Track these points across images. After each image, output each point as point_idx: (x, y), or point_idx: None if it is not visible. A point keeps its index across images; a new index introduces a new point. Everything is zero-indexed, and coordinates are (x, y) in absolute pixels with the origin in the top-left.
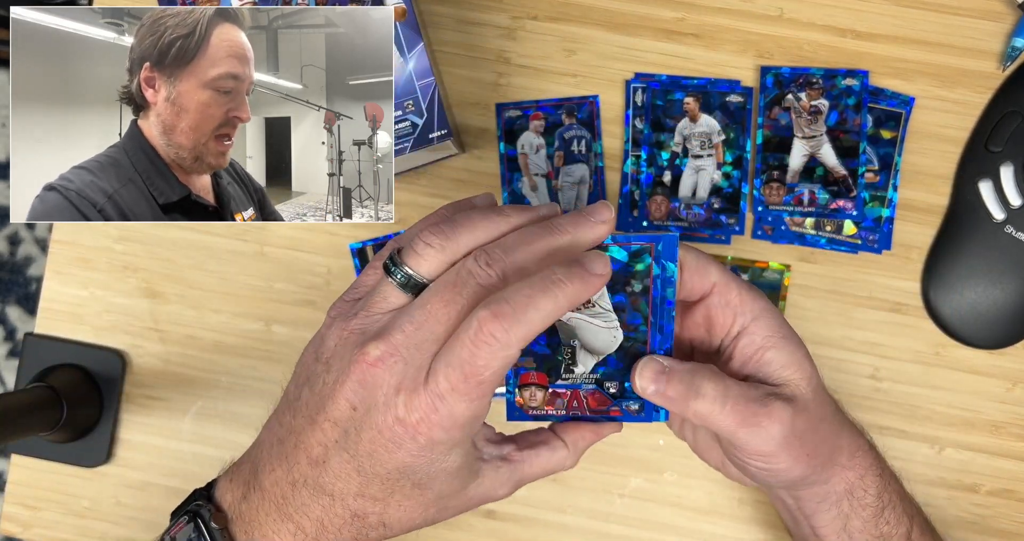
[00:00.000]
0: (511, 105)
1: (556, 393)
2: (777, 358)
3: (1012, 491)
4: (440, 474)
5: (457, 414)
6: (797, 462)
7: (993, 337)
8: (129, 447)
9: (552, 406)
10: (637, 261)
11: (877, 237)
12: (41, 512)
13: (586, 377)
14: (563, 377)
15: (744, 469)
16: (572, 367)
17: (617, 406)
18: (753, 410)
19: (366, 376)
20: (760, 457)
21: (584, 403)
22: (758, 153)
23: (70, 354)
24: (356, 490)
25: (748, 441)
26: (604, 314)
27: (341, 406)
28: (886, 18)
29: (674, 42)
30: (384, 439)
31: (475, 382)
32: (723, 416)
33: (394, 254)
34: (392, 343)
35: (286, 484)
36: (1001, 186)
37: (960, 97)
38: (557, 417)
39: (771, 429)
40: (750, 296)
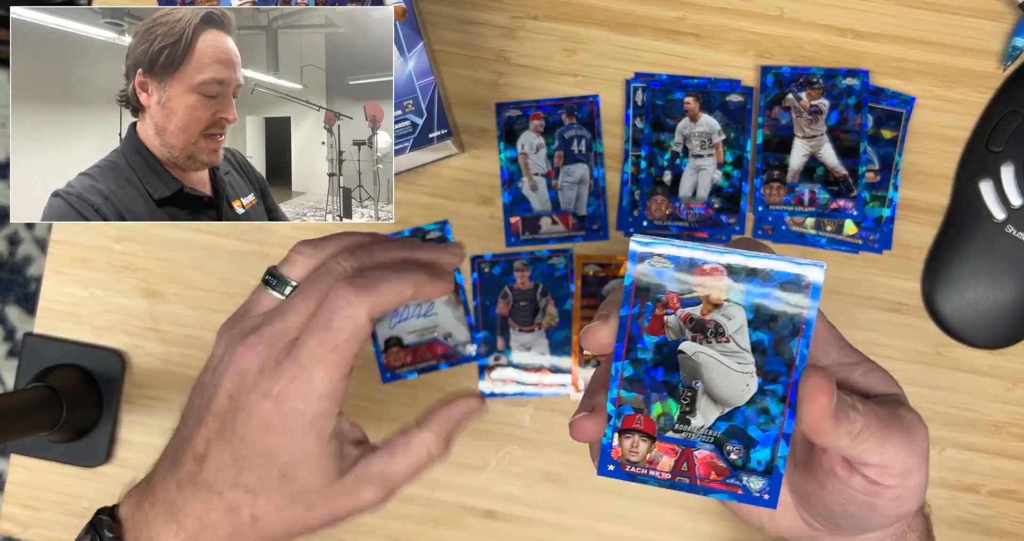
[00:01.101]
0: (511, 105)
1: (665, 448)
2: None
3: (1013, 491)
4: (302, 461)
5: (315, 381)
6: (922, 484)
7: (994, 337)
8: (129, 447)
9: (655, 465)
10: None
11: (877, 237)
12: (41, 512)
13: (704, 433)
14: (675, 428)
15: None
16: (689, 417)
17: (735, 480)
18: (892, 420)
19: (239, 364)
20: (900, 477)
21: (694, 467)
22: (758, 153)
23: (70, 354)
24: (232, 479)
25: (896, 458)
26: (739, 354)
27: (221, 399)
28: (887, 18)
29: (674, 42)
30: (254, 419)
31: (331, 346)
32: (869, 440)
33: (272, 267)
34: (260, 333)
35: (173, 486)
36: (1002, 186)
37: (960, 97)
38: (658, 481)
39: (919, 435)
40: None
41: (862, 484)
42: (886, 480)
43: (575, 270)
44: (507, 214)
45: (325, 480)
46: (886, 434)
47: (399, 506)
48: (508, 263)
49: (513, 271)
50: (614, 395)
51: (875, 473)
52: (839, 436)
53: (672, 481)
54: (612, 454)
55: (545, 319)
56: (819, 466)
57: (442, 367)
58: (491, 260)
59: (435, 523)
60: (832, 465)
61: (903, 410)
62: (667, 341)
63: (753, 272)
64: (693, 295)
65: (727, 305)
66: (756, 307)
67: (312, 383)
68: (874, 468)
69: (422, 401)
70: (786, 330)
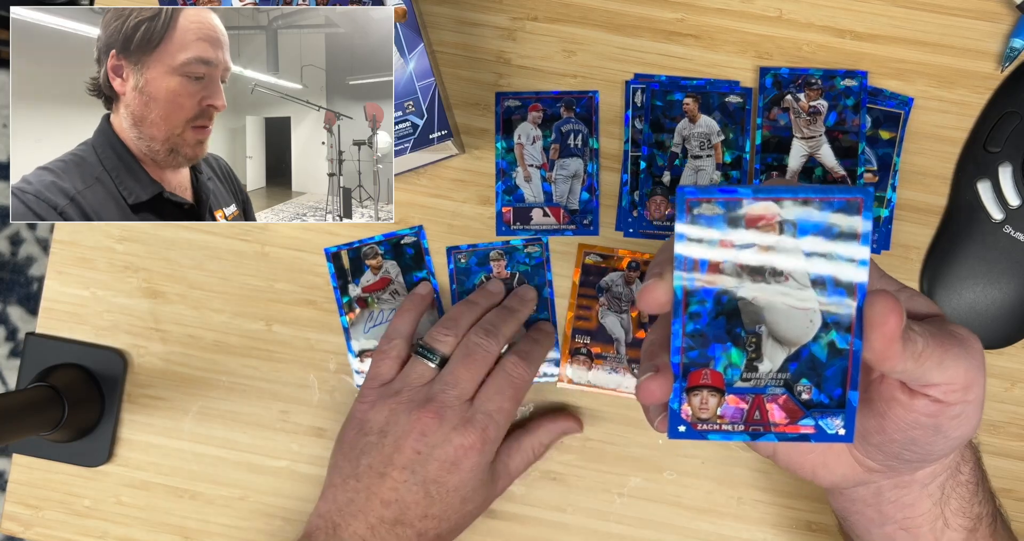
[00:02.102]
0: (511, 95)
1: (733, 400)
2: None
3: (1011, 490)
4: (479, 486)
5: (500, 431)
6: (982, 400)
7: (992, 337)
8: (130, 447)
9: (726, 419)
10: (843, 218)
11: (876, 237)
12: (42, 511)
13: (773, 377)
14: (743, 377)
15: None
16: (756, 363)
17: (811, 420)
18: (947, 337)
19: (426, 427)
20: (960, 391)
21: (768, 414)
22: (757, 153)
23: (71, 354)
24: (422, 512)
25: (960, 373)
26: (799, 290)
27: (407, 454)
28: (885, 19)
29: (673, 43)
30: (448, 464)
31: (512, 403)
32: (930, 348)
33: (422, 345)
34: (440, 401)
35: (365, 529)
36: (1000, 186)
37: (959, 97)
38: (732, 435)
39: (974, 347)
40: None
41: (926, 405)
42: (949, 397)
43: (576, 257)
44: (499, 203)
45: (487, 495)
46: (945, 350)
47: None
48: (484, 254)
49: (490, 261)
50: (677, 353)
51: (938, 391)
52: (906, 358)
53: (747, 432)
54: (682, 414)
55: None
56: (879, 397)
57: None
58: (467, 251)
59: None
60: (892, 392)
61: (953, 326)
62: (725, 289)
63: (805, 203)
64: (746, 237)
65: (781, 242)
66: (811, 240)
67: (499, 432)
68: (936, 387)
69: None
70: (843, 258)
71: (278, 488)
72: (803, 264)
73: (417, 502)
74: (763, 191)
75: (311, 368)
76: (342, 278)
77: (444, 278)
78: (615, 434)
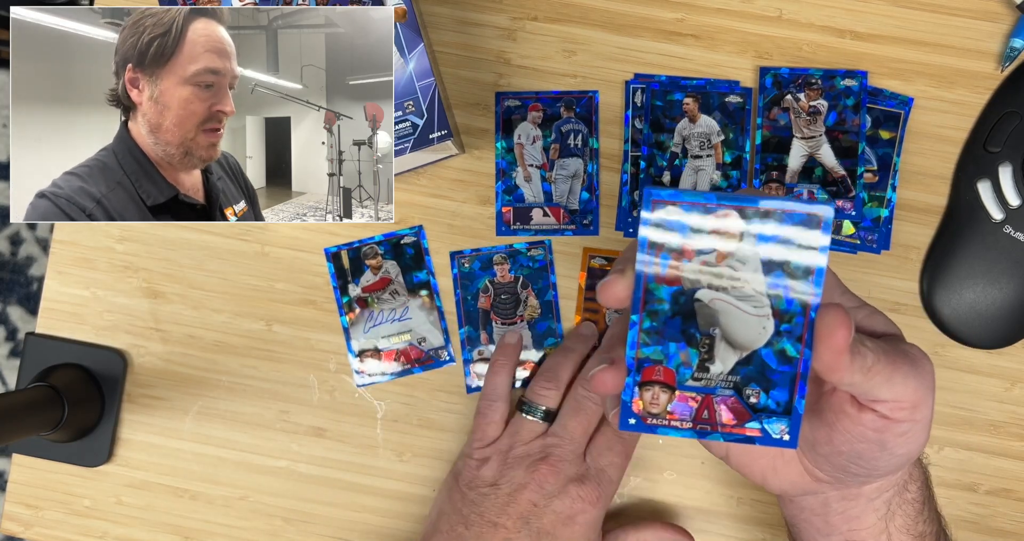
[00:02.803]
0: (511, 94)
1: (685, 397)
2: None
3: (1011, 490)
4: (591, 537)
5: (615, 485)
6: (929, 421)
7: (992, 337)
8: (130, 447)
9: (676, 416)
10: (801, 231)
11: (876, 237)
12: (42, 511)
13: (723, 379)
14: (694, 377)
15: (841, 451)
16: (708, 364)
17: (757, 424)
18: (899, 355)
19: (544, 481)
20: (908, 410)
21: (716, 415)
22: (757, 153)
23: (71, 354)
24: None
25: (907, 390)
26: (754, 297)
27: (523, 505)
28: (885, 19)
29: (673, 43)
30: (564, 517)
31: (622, 461)
32: (880, 372)
33: (527, 403)
34: (558, 455)
35: None
36: (1000, 186)
37: (959, 97)
38: (681, 431)
39: (925, 368)
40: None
41: (872, 420)
42: (896, 414)
43: (581, 261)
44: (499, 203)
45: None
46: (895, 368)
47: (399, 506)
48: (488, 258)
49: (493, 265)
50: (633, 348)
51: (885, 408)
52: (854, 371)
53: (694, 430)
54: (633, 407)
55: (527, 311)
56: (828, 408)
57: (416, 371)
58: (470, 255)
59: None
60: (842, 404)
61: (907, 346)
62: (683, 290)
63: (765, 214)
64: (707, 243)
65: (740, 249)
66: (769, 249)
67: (612, 488)
68: (884, 403)
69: (420, 399)
70: (799, 270)
71: (278, 488)
72: (761, 272)
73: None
74: (727, 199)
75: (311, 368)
76: (342, 278)
77: (444, 280)
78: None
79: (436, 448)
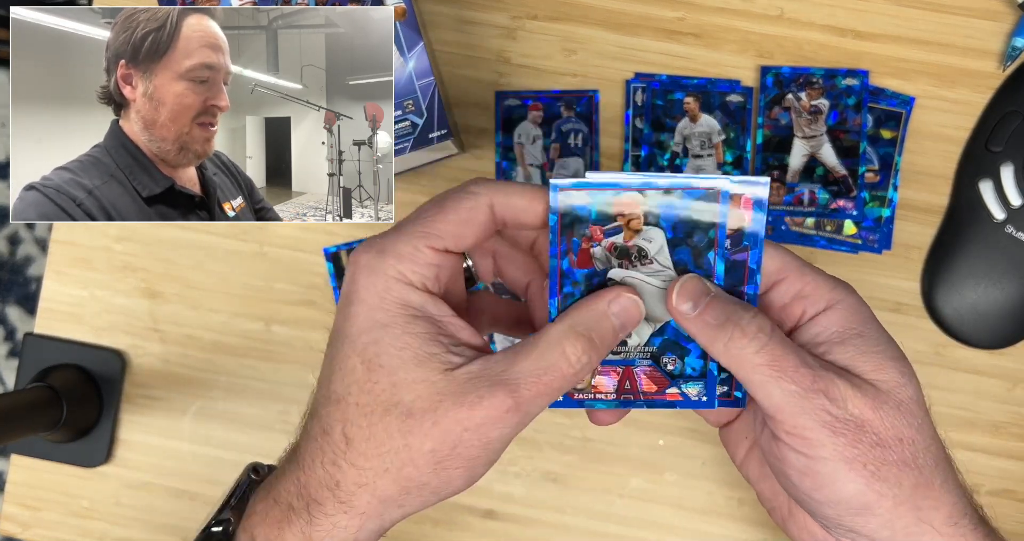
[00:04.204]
0: (511, 93)
1: (607, 370)
2: (850, 355)
3: (1013, 491)
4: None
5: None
6: (848, 468)
7: (994, 337)
8: (129, 447)
9: (600, 389)
10: (701, 205)
11: (877, 237)
12: (41, 512)
13: (641, 350)
14: (614, 351)
15: (782, 474)
16: (626, 338)
17: (675, 388)
18: (803, 372)
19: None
20: (798, 439)
21: (637, 384)
22: (758, 153)
23: (70, 354)
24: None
25: (785, 408)
26: (663, 272)
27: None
28: (886, 18)
29: (674, 42)
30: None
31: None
32: (757, 362)
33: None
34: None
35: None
36: (1001, 186)
37: (960, 97)
38: (605, 403)
39: (814, 400)
40: (826, 283)
41: (773, 457)
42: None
43: None
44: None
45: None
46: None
47: None
48: None
49: None
50: None
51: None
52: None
53: (618, 401)
54: None
55: None
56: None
57: None
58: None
59: (434, 523)
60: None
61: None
62: (596, 271)
63: (667, 193)
64: (614, 224)
65: (646, 229)
66: (673, 225)
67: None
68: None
69: None
70: (702, 243)
71: None
72: (666, 248)
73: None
74: (630, 179)
75: (310, 368)
76: (341, 278)
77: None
78: (616, 435)
79: None
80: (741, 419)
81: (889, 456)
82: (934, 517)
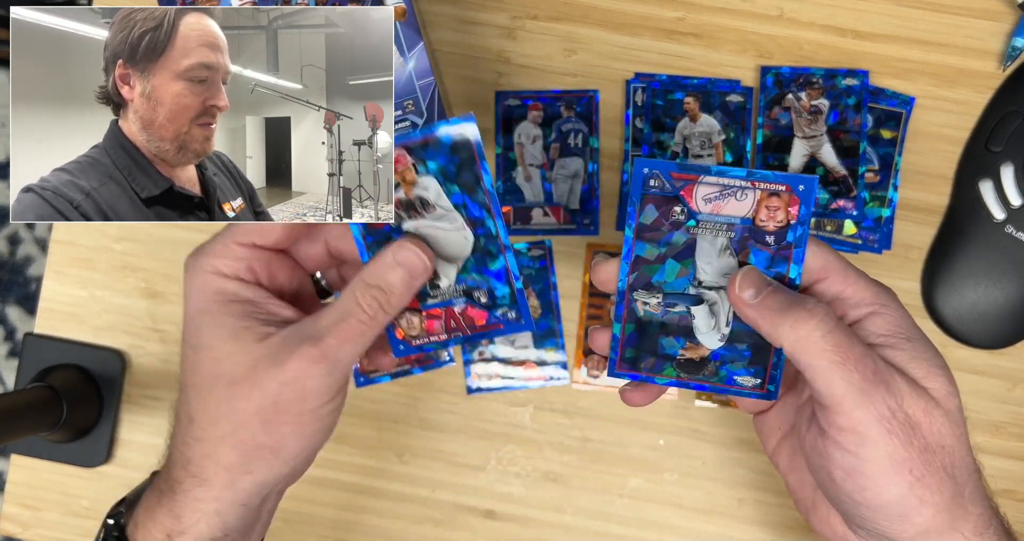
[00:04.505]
0: (511, 93)
1: (431, 314)
2: (901, 358)
3: (1013, 491)
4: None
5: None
6: (895, 471)
7: (993, 337)
8: (129, 447)
9: (433, 331)
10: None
11: (877, 237)
12: (41, 512)
13: (454, 290)
14: (431, 295)
15: (824, 471)
16: (436, 282)
17: (494, 318)
18: (866, 361)
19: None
20: (851, 435)
21: (460, 321)
22: (758, 153)
23: (70, 354)
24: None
25: (845, 401)
26: (447, 215)
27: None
28: (886, 18)
29: (674, 42)
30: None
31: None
32: (823, 347)
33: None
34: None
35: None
36: (1001, 186)
37: (960, 97)
38: (443, 343)
39: (875, 393)
40: (869, 288)
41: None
42: (838, 435)
43: (584, 258)
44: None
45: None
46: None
47: (398, 506)
48: None
49: None
50: None
51: (826, 421)
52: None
53: (449, 339)
54: (396, 334)
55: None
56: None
57: (415, 372)
58: None
59: (435, 523)
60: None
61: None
62: (392, 228)
63: (424, 145)
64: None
65: (420, 179)
66: (441, 171)
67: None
68: (825, 413)
69: (420, 400)
70: (470, 179)
71: None
72: (443, 193)
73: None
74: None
75: None
76: None
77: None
78: (616, 435)
79: (436, 449)
80: (776, 409)
81: (933, 463)
82: (964, 527)
